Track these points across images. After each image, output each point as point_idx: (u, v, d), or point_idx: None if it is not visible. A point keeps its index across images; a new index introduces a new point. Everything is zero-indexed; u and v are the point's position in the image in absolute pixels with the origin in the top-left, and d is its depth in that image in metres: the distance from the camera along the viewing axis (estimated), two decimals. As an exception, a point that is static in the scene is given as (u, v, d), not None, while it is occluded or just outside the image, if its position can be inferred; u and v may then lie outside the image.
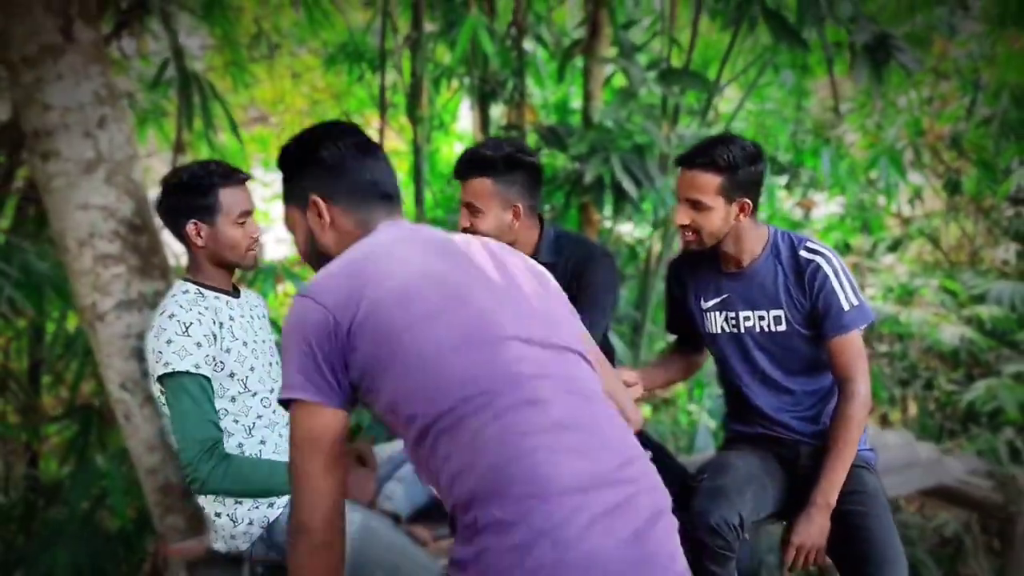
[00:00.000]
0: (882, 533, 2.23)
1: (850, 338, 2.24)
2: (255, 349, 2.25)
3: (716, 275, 2.39)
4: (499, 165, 2.35)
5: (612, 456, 1.37)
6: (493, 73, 4.22)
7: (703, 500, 2.16)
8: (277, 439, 2.27)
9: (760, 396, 2.38)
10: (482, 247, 1.57)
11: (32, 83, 2.35)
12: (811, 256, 2.27)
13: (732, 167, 2.22)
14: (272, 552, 2.20)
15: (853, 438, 2.24)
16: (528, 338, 1.42)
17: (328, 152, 1.59)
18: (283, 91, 7.32)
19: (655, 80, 3.60)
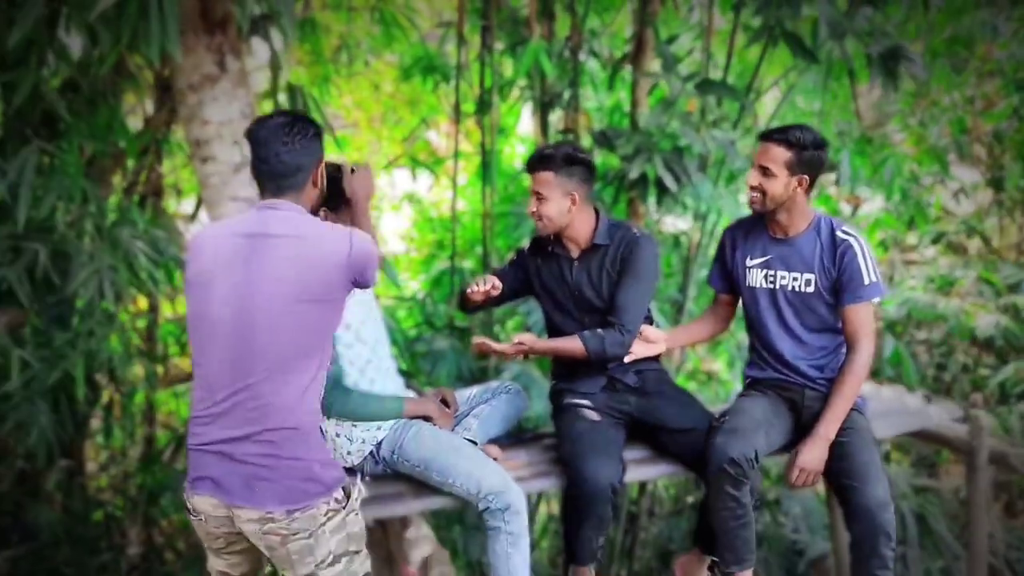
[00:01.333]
0: (865, 457, 2.79)
1: (863, 307, 2.82)
2: (365, 306, 2.90)
3: (765, 239, 2.95)
4: (560, 161, 2.95)
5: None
6: (551, 84, 4.83)
7: (723, 438, 2.72)
8: (383, 379, 2.92)
9: (781, 343, 2.96)
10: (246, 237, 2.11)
11: (195, 104, 3.05)
12: (845, 236, 2.83)
13: (801, 146, 2.76)
14: (379, 466, 2.86)
15: (855, 386, 2.82)
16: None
17: (251, 136, 2.17)
18: (362, 99, 8.04)
19: (693, 90, 4.18)
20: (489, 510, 2.68)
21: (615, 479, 2.75)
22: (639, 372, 3.08)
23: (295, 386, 2.05)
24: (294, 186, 2.16)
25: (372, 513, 2.72)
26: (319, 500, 2.06)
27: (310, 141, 2.17)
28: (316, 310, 2.07)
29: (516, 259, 3.25)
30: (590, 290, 3.04)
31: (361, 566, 2.23)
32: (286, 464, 2.03)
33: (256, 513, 2.03)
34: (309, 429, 2.08)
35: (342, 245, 2.10)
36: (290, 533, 2.04)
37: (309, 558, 2.09)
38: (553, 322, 3.17)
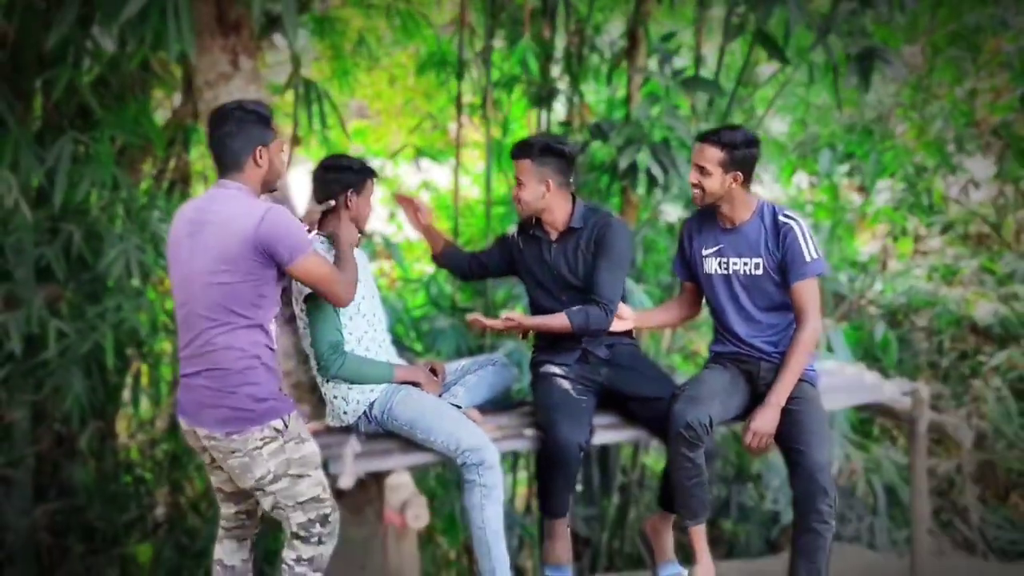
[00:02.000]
0: (811, 424, 3.07)
1: (808, 283, 3.10)
2: (365, 285, 3.23)
3: (716, 230, 3.25)
4: (536, 150, 3.26)
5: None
6: (551, 79, 5.12)
7: (681, 405, 3.01)
8: (377, 349, 3.25)
9: (737, 323, 3.25)
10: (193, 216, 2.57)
11: (212, 99, 3.38)
12: (786, 220, 3.13)
13: (732, 146, 3.08)
14: (371, 424, 3.19)
15: (802, 356, 3.09)
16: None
17: (207, 122, 2.63)
18: (380, 91, 8.38)
19: (679, 85, 4.45)
20: (466, 465, 3.00)
21: (582, 439, 3.06)
22: (611, 346, 3.38)
23: (230, 337, 2.51)
24: (235, 166, 2.58)
25: (364, 467, 3.05)
26: (252, 427, 2.52)
27: (251, 127, 2.57)
28: (233, 278, 2.49)
29: (500, 240, 3.57)
30: (566, 269, 3.33)
31: (311, 488, 2.64)
32: (223, 396, 2.51)
33: (204, 431, 2.54)
34: (244, 370, 2.53)
35: (250, 223, 2.47)
36: (228, 451, 2.53)
37: (248, 474, 2.55)
38: (534, 299, 3.48)
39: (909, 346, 6.89)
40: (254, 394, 2.54)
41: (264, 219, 2.49)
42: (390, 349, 3.36)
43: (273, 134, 2.65)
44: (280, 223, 2.52)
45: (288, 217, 2.57)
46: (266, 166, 2.63)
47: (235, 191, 2.57)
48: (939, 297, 7.35)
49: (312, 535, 2.68)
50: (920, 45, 7.19)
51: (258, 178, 2.63)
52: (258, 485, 2.58)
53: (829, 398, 3.47)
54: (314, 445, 2.71)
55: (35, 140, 3.87)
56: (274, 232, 2.49)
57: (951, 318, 7.09)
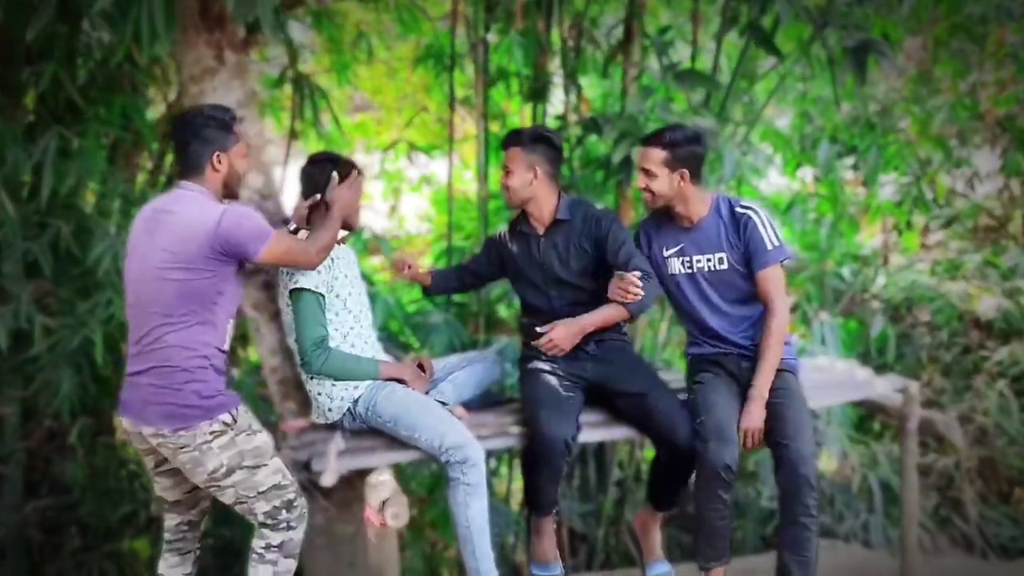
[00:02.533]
0: (794, 415, 3.04)
1: (772, 270, 3.09)
2: (352, 281, 3.22)
3: (675, 231, 3.23)
4: (526, 138, 3.28)
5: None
6: (547, 73, 5.08)
7: (715, 444, 2.92)
8: (363, 345, 3.23)
9: (710, 320, 3.21)
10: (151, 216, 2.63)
11: (196, 94, 3.35)
12: (743, 211, 3.12)
13: (674, 145, 3.08)
14: (356, 421, 3.17)
15: (775, 345, 3.07)
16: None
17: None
18: (381, 85, 8.34)
19: (671, 79, 4.40)
20: (450, 463, 2.98)
21: (568, 435, 3.03)
22: (600, 341, 3.34)
23: (181, 335, 2.55)
24: (194, 170, 2.65)
25: (347, 464, 3.03)
26: (200, 422, 2.55)
27: (210, 132, 2.65)
28: (188, 276, 2.53)
29: (488, 243, 3.57)
30: (558, 263, 3.30)
31: (269, 477, 2.68)
32: (168, 392, 2.54)
33: (151, 430, 2.57)
34: (192, 368, 2.57)
35: (210, 222, 2.52)
36: (177, 447, 2.56)
37: (200, 468, 2.58)
38: (524, 298, 3.46)
39: (910, 341, 6.84)
40: (200, 391, 2.58)
41: (223, 218, 2.55)
42: (376, 345, 3.33)
43: (234, 139, 2.71)
44: (239, 220, 2.58)
45: (245, 212, 2.63)
46: (225, 170, 2.69)
47: (195, 193, 2.63)
48: (941, 292, 7.30)
49: (279, 521, 2.72)
50: (922, 37, 7.11)
51: (217, 182, 2.69)
52: (212, 480, 2.62)
53: (820, 394, 3.44)
54: (266, 435, 2.75)
55: (25, 135, 3.85)
56: (235, 230, 2.56)
57: (953, 313, 7.03)
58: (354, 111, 10.15)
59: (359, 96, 9.69)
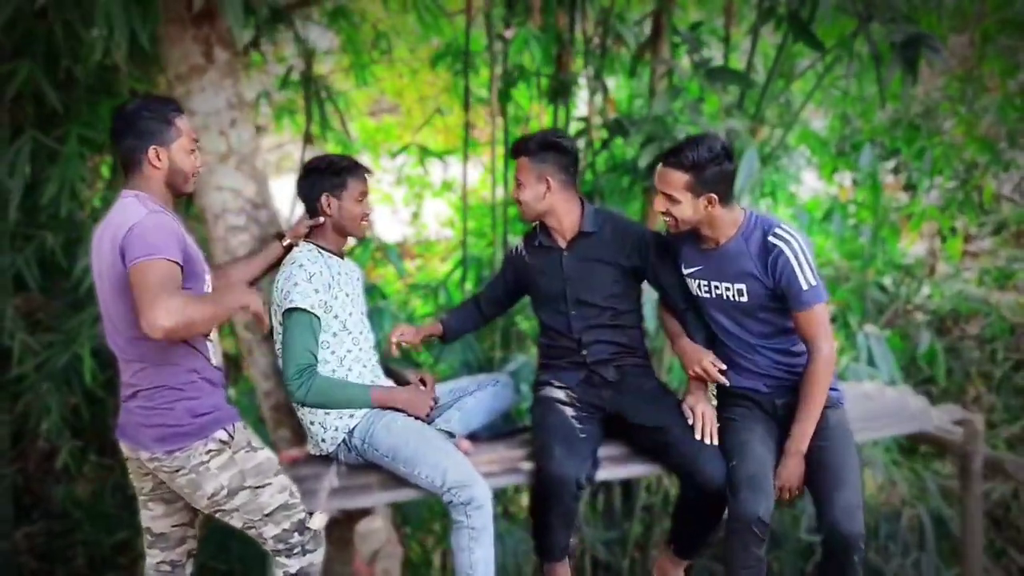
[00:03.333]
0: (839, 459, 2.69)
1: (811, 313, 2.67)
2: (354, 300, 2.93)
3: (697, 249, 2.86)
4: (533, 146, 2.95)
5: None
6: (570, 71, 4.76)
7: (747, 493, 2.59)
8: (361, 369, 2.94)
9: (735, 350, 2.85)
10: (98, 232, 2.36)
11: (183, 94, 3.08)
12: (776, 241, 2.67)
13: (697, 166, 2.64)
14: (352, 454, 2.87)
15: (819, 394, 2.68)
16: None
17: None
18: (401, 86, 8.08)
19: (702, 77, 4.06)
20: (452, 504, 2.68)
21: (582, 474, 2.71)
22: (619, 366, 3.03)
23: (158, 354, 2.34)
24: (131, 166, 2.40)
25: (337, 504, 2.74)
26: (194, 441, 2.37)
27: (145, 124, 2.37)
28: (128, 298, 2.25)
29: (504, 263, 3.26)
30: (582, 283, 2.99)
31: (275, 496, 2.50)
32: (159, 413, 2.36)
33: (147, 454, 2.39)
34: (182, 385, 2.38)
35: (120, 236, 2.25)
36: (173, 470, 2.38)
37: (199, 492, 2.41)
38: (542, 318, 3.15)
39: (958, 356, 6.43)
40: (193, 409, 2.40)
41: (133, 227, 2.24)
42: (376, 369, 3.05)
43: (175, 132, 2.41)
44: (140, 230, 2.23)
45: (153, 224, 2.25)
46: (165, 167, 2.41)
47: (129, 200, 2.36)
48: (991, 302, 6.88)
49: (292, 547, 2.52)
50: (968, 34, 6.71)
51: (158, 181, 2.42)
52: (214, 504, 2.44)
53: (868, 426, 3.10)
54: (268, 452, 2.55)
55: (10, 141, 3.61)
56: (130, 238, 2.23)
57: (1004, 325, 6.61)
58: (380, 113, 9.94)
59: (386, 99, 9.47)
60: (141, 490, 2.56)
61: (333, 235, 2.95)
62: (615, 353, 3.04)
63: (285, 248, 2.94)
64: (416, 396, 2.92)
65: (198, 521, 2.69)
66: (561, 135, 3.05)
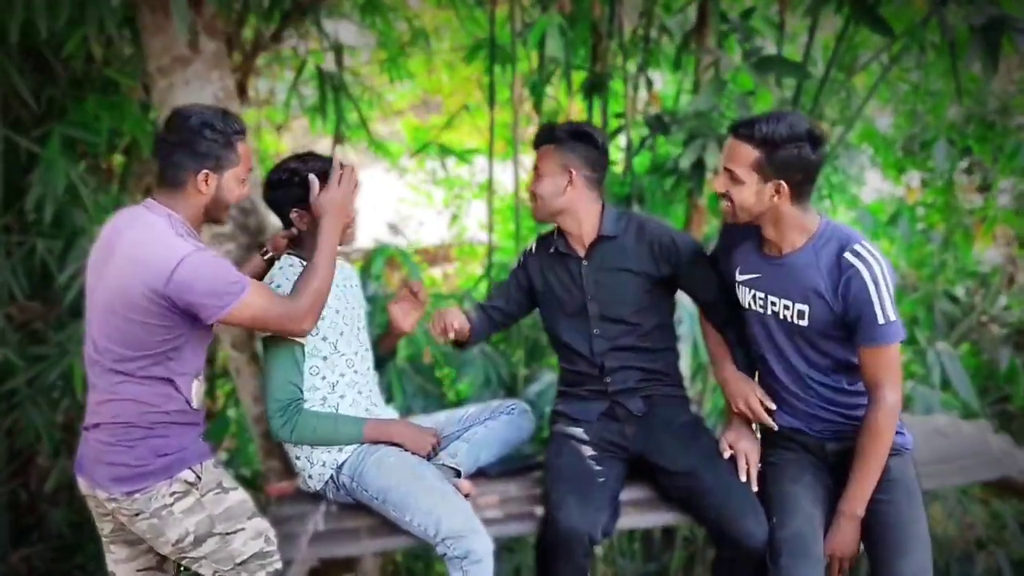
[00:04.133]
0: (903, 518, 2.28)
1: (882, 352, 2.23)
2: (345, 316, 2.60)
3: (757, 254, 2.42)
4: (561, 135, 2.61)
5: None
6: (611, 65, 4.37)
7: (789, 559, 2.21)
8: (356, 395, 2.62)
9: (782, 381, 2.43)
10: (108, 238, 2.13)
11: (166, 88, 2.79)
12: (853, 260, 2.22)
13: (769, 143, 2.20)
14: (341, 492, 2.55)
15: (880, 449, 2.25)
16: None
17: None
18: (439, 82, 7.77)
19: (752, 68, 3.65)
20: (447, 556, 2.33)
21: (596, 528, 2.34)
22: (647, 396, 2.65)
23: (134, 388, 2.11)
24: (171, 183, 2.15)
25: (320, 551, 2.42)
26: (156, 482, 2.13)
27: (206, 144, 2.12)
28: (133, 326, 2.06)
29: (516, 269, 2.87)
30: (605, 297, 2.63)
31: (249, 544, 2.24)
32: (120, 450, 2.12)
33: (104, 494, 2.15)
34: (150, 423, 2.13)
35: (164, 270, 2.01)
36: (132, 513, 2.14)
37: (162, 538, 2.16)
38: (557, 337, 2.78)
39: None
40: (157, 448, 2.16)
41: (179, 268, 2.01)
42: (374, 393, 2.71)
43: (234, 158, 2.14)
44: (198, 272, 2.03)
45: (208, 263, 2.07)
46: (210, 195, 2.18)
47: (161, 218, 2.11)
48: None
49: None
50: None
51: (198, 206, 2.18)
52: (180, 551, 2.20)
53: (939, 470, 2.67)
54: (241, 494, 2.29)
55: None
56: (193, 283, 2.02)
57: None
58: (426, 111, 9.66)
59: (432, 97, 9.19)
60: (102, 531, 2.32)
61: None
62: (643, 381, 2.66)
63: (267, 262, 2.63)
64: (416, 432, 2.58)
65: (169, 565, 2.41)
66: (593, 127, 2.70)
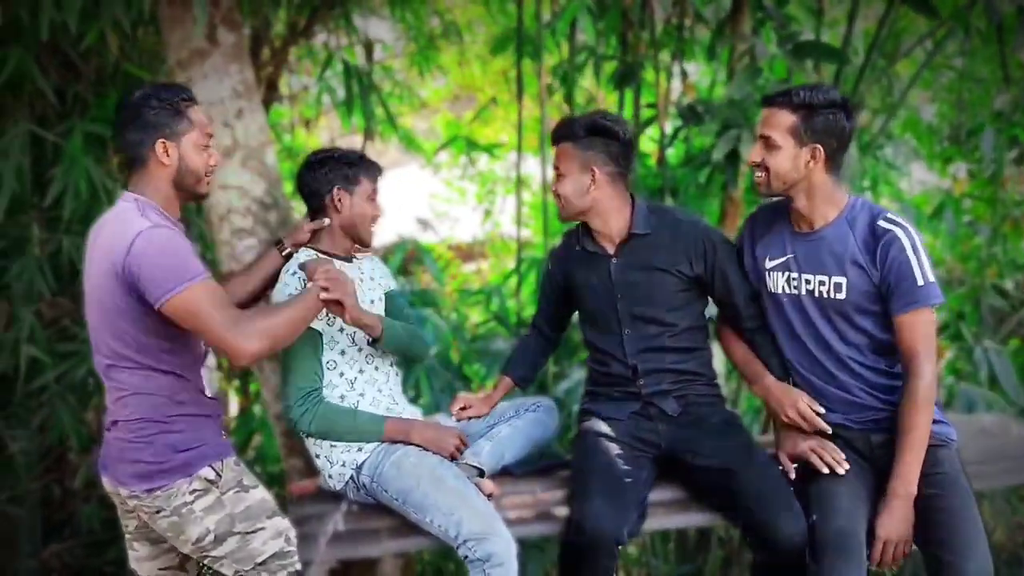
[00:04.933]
0: (958, 514, 2.19)
1: (920, 314, 2.21)
2: (369, 309, 2.54)
3: (787, 235, 2.40)
4: (579, 131, 2.50)
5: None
6: (643, 54, 4.28)
7: (832, 558, 2.13)
8: (376, 393, 2.56)
9: (818, 367, 2.37)
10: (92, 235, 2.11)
11: (184, 82, 2.76)
12: (889, 226, 2.24)
13: (808, 107, 2.24)
14: (361, 492, 2.49)
15: (923, 419, 2.20)
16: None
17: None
18: (472, 76, 7.71)
19: (788, 54, 3.53)
20: (468, 559, 2.26)
21: (623, 530, 2.25)
22: (681, 396, 2.56)
23: (141, 381, 2.09)
24: (136, 164, 2.12)
25: (339, 552, 2.37)
26: (176, 480, 2.10)
27: (153, 114, 2.09)
28: (118, 319, 2.05)
29: (545, 277, 2.81)
30: (637, 296, 2.53)
31: (269, 543, 2.19)
32: (138, 447, 2.10)
33: (126, 491, 2.13)
34: (164, 417, 2.11)
35: (120, 252, 1.99)
36: (153, 511, 2.12)
37: (183, 536, 2.14)
38: (588, 336, 2.70)
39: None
40: (175, 444, 2.13)
41: (136, 241, 1.98)
42: (395, 391, 2.65)
43: (187, 123, 2.10)
44: (151, 246, 1.98)
45: (165, 239, 2.01)
46: (174, 164, 2.12)
47: (128, 204, 2.09)
48: None
49: None
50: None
51: (165, 180, 2.13)
52: (200, 550, 2.17)
53: (986, 471, 2.54)
54: (262, 492, 2.25)
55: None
56: (142, 258, 1.97)
57: None
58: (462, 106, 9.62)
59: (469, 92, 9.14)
60: (126, 527, 2.31)
61: (340, 237, 2.58)
62: (677, 382, 2.57)
63: (284, 257, 2.58)
64: (438, 433, 2.51)
65: (191, 565, 2.37)
66: (612, 118, 2.57)
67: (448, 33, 6.20)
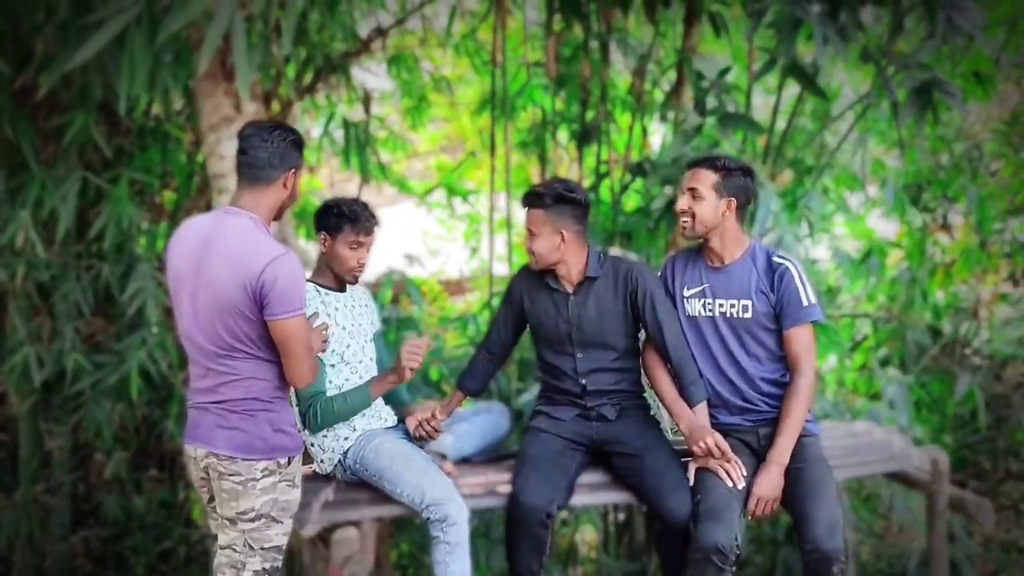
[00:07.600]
0: (817, 481, 2.82)
1: (804, 329, 2.91)
2: (352, 331, 3.17)
3: (702, 268, 3.05)
4: (549, 199, 3.06)
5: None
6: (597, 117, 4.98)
7: (706, 524, 2.75)
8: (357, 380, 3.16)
9: (724, 374, 3.00)
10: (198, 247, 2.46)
11: (214, 142, 3.43)
12: (781, 261, 2.96)
13: (726, 169, 2.94)
14: (347, 473, 3.12)
15: (802, 409, 2.87)
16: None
17: (240, 134, 2.58)
18: (462, 126, 8.42)
19: (716, 124, 4.23)
20: (430, 520, 2.89)
21: (553, 504, 2.89)
22: (617, 404, 3.16)
23: (254, 367, 2.46)
24: (264, 179, 2.48)
25: (328, 517, 2.99)
26: (258, 455, 2.46)
27: (287, 146, 2.50)
28: (239, 319, 2.40)
29: (506, 299, 3.32)
30: (589, 324, 3.10)
31: (279, 536, 2.54)
32: (239, 417, 2.47)
33: (208, 451, 2.48)
34: (269, 398, 2.50)
35: (253, 268, 2.36)
36: (226, 472, 2.46)
37: (234, 503, 2.47)
38: (545, 358, 3.25)
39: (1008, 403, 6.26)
40: (273, 422, 2.51)
41: (268, 267, 2.37)
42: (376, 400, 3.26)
43: (303, 161, 2.60)
44: (285, 273, 2.38)
45: (292, 269, 2.41)
46: (290, 191, 2.56)
47: (246, 222, 2.46)
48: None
49: None
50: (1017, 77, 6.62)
51: (278, 201, 2.55)
52: (237, 517, 2.49)
53: (846, 462, 3.20)
54: (299, 494, 2.64)
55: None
56: (272, 283, 2.37)
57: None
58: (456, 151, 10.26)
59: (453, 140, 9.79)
60: (203, 497, 2.67)
61: (329, 272, 3.16)
62: (616, 394, 3.16)
63: None
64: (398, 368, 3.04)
65: None
66: (574, 188, 3.12)
67: (438, 86, 6.85)
